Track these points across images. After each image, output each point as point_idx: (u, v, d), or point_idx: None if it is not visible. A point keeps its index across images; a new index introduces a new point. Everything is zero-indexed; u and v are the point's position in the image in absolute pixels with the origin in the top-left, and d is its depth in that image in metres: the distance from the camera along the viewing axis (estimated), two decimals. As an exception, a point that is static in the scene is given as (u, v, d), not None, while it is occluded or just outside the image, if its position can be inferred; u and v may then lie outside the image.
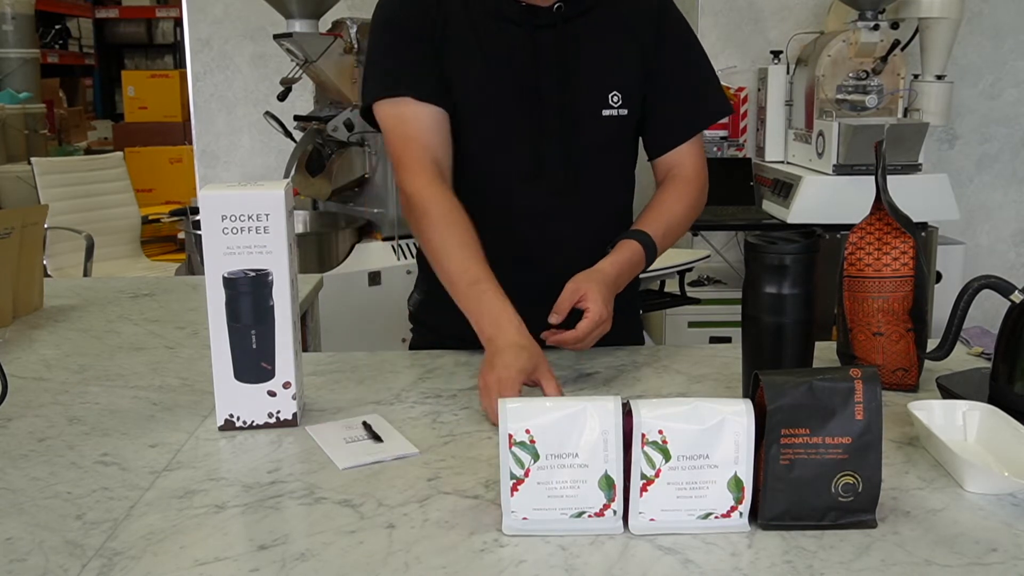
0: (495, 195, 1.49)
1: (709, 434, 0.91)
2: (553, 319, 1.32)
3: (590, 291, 1.32)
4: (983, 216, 3.95)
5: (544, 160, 1.47)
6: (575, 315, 1.33)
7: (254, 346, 1.18)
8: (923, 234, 3.14)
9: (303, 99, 3.71)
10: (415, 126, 1.41)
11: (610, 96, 1.47)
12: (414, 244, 1.68)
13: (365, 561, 0.87)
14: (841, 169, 3.16)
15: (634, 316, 1.69)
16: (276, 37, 3.13)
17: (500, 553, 0.89)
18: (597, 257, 1.49)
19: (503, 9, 1.45)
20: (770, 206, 3.40)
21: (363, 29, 3.19)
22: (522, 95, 1.45)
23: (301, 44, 3.08)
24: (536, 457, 0.91)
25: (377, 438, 1.15)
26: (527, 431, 0.91)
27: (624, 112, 1.48)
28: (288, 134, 3.30)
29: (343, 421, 1.22)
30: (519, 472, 0.91)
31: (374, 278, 3.08)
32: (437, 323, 1.60)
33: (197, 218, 2.97)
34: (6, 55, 6.60)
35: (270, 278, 1.16)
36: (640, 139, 1.57)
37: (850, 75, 3.28)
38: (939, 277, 3.35)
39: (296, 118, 3.33)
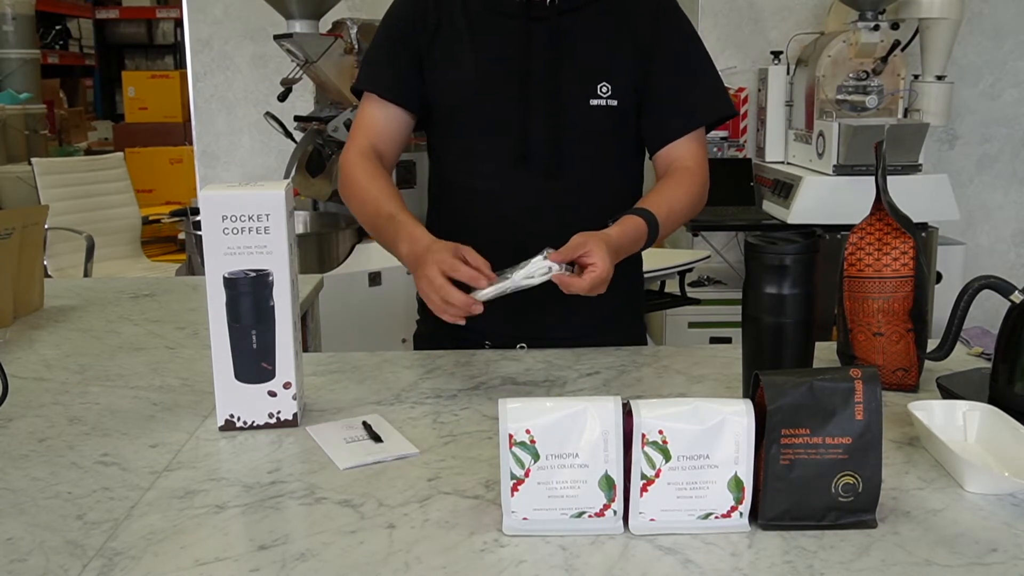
0: (485, 179, 1.53)
1: (709, 434, 0.91)
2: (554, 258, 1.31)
3: (596, 247, 1.30)
4: (983, 216, 3.95)
5: (531, 146, 1.50)
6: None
7: (254, 346, 1.18)
8: (923, 234, 3.14)
9: (303, 99, 3.71)
10: (369, 119, 1.56)
11: (599, 86, 1.49)
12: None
13: (365, 561, 0.87)
14: (841, 169, 3.16)
15: (637, 317, 1.70)
16: (276, 38, 3.13)
17: (500, 553, 0.89)
18: None
19: (500, 4, 1.50)
20: (770, 206, 3.40)
21: (363, 30, 3.19)
22: (512, 83, 1.49)
23: (301, 45, 3.08)
24: (536, 457, 0.91)
25: (377, 438, 1.15)
26: (527, 431, 0.91)
27: (614, 103, 1.49)
28: (288, 134, 3.30)
29: (343, 421, 1.22)
30: (519, 472, 0.91)
31: (374, 278, 3.08)
32: None
33: (197, 218, 2.97)
34: (6, 55, 6.60)
35: (270, 278, 1.16)
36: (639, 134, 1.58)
37: (850, 75, 3.28)
38: (939, 277, 3.35)
39: (296, 118, 3.33)
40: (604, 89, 1.49)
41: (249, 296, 1.16)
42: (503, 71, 1.50)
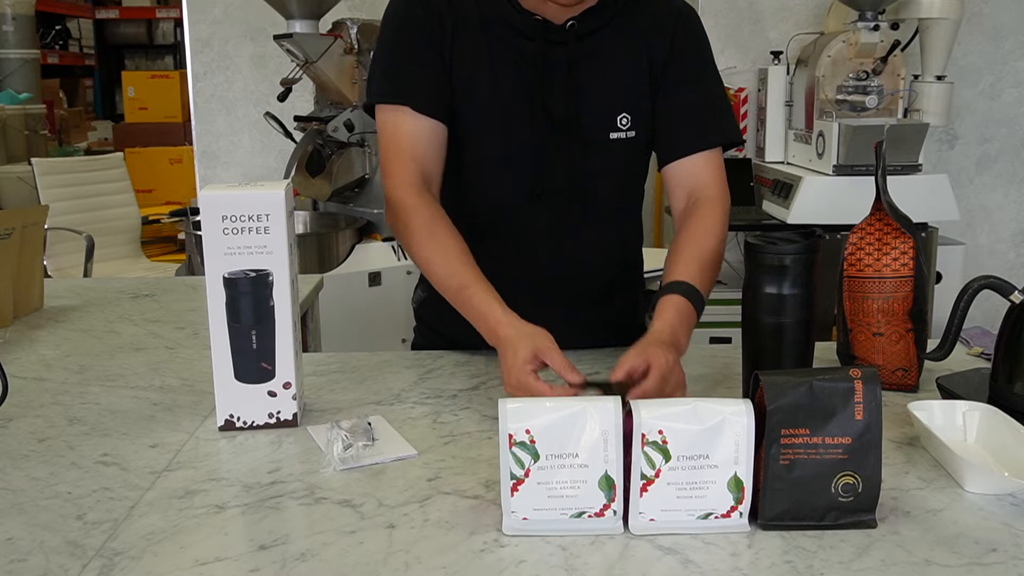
0: (498, 210, 1.48)
1: (709, 434, 0.91)
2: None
3: (647, 355, 1.17)
4: (983, 216, 3.94)
5: (548, 179, 1.44)
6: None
7: (254, 346, 1.18)
8: (923, 234, 3.14)
9: (303, 99, 3.71)
10: (408, 138, 1.40)
11: (619, 119, 1.43)
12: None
13: (365, 561, 0.87)
14: (841, 169, 3.16)
15: (639, 322, 1.70)
16: (276, 38, 3.13)
17: (500, 553, 0.89)
18: (603, 274, 1.49)
19: (516, 22, 1.41)
20: (770, 206, 3.40)
21: (363, 30, 3.19)
22: (530, 112, 1.42)
23: (301, 45, 3.08)
24: (536, 457, 0.91)
25: (375, 439, 1.15)
26: (527, 431, 0.91)
27: (632, 134, 1.44)
28: (288, 135, 3.31)
29: (344, 422, 1.22)
30: (519, 472, 0.91)
31: (374, 279, 3.08)
32: (439, 322, 1.60)
33: (197, 218, 2.97)
34: (6, 56, 6.60)
35: (270, 278, 1.16)
36: (651, 153, 1.52)
37: (850, 76, 3.28)
38: (939, 277, 3.35)
39: (296, 119, 3.33)
40: (624, 121, 1.43)
41: (249, 296, 1.16)
42: (520, 101, 1.42)
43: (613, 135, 1.44)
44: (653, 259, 2.03)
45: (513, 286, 1.35)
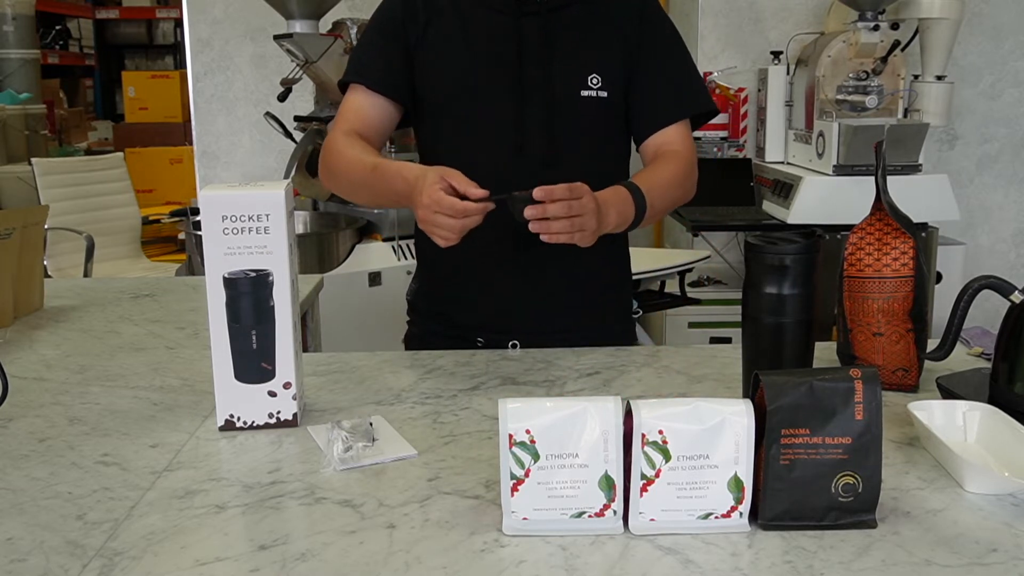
0: (482, 170, 1.51)
1: (709, 434, 0.91)
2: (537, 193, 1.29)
3: (571, 184, 1.30)
4: (983, 216, 3.95)
5: (527, 141, 1.52)
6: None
7: (254, 346, 1.18)
8: (923, 235, 3.14)
9: (303, 99, 3.71)
10: (354, 106, 1.57)
11: (589, 78, 1.53)
12: (414, 244, 1.71)
13: (365, 561, 0.87)
14: (841, 169, 3.16)
15: (626, 313, 1.71)
16: (276, 38, 3.13)
17: (500, 553, 0.89)
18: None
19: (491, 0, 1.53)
20: (770, 207, 3.40)
21: (363, 30, 3.19)
22: (506, 76, 1.51)
23: (301, 45, 3.08)
24: (536, 457, 0.91)
25: (375, 439, 1.15)
26: (527, 431, 0.91)
27: (604, 94, 1.53)
28: (288, 134, 3.31)
29: (344, 421, 1.22)
30: (519, 472, 0.91)
31: (374, 278, 3.08)
32: (431, 308, 1.66)
33: (197, 218, 2.97)
34: (6, 56, 6.59)
35: (270, 278, 1.16)
36: (629, 132, 1.62)
37: (850, 76, 3.28)
38: (939, 277, 3.35)
39: (296, 118, 3.33)
40: (594, 80, 1.53)
41: (249, 296, 1.16)
42: (497, 64, 1.52)
43: (584, 92, 1.53)
44: (653, 259, 2.03)
45: (498, 254, 1.48)
